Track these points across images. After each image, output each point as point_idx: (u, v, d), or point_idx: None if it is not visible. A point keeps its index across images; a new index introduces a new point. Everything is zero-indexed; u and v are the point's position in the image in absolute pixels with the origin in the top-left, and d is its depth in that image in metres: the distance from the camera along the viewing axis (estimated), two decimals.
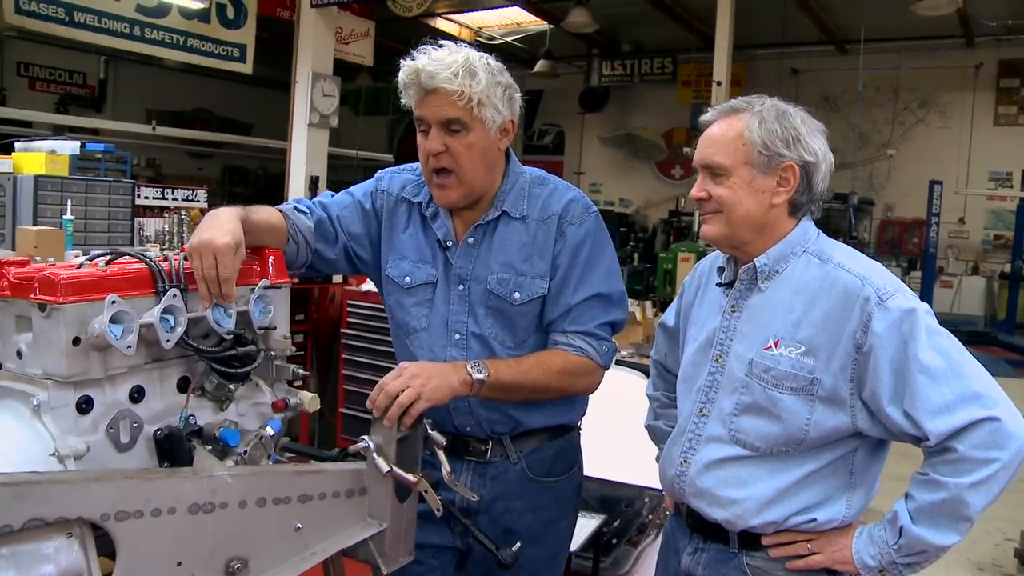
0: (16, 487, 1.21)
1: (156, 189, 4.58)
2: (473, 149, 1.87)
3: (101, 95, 12.74)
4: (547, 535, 2.05)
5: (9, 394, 1.41)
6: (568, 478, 2.09)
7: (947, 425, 1.52)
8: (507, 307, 1.93)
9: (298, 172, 7.13)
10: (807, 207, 1.74)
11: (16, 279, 1.41)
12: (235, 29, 8.29)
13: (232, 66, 8.39)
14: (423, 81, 1.83)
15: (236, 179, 14.87)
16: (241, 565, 1.45)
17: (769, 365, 1.66)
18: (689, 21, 10.88)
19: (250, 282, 1.65)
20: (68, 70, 12.30)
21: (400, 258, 2.02)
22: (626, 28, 12.76)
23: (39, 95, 11.92)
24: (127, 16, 7.53)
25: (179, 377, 1.56)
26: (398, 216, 2.05)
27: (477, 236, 1.97)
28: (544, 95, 15.00)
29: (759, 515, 1.67)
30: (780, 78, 11.89)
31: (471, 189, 1.92)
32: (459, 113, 1.84)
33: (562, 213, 1.95)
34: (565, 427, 2.07)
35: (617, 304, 2.00)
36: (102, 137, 10.30)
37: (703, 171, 1.74)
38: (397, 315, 2.04)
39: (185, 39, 7.97)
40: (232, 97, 13.57)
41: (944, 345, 1.57)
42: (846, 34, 11.28)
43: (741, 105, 1.72)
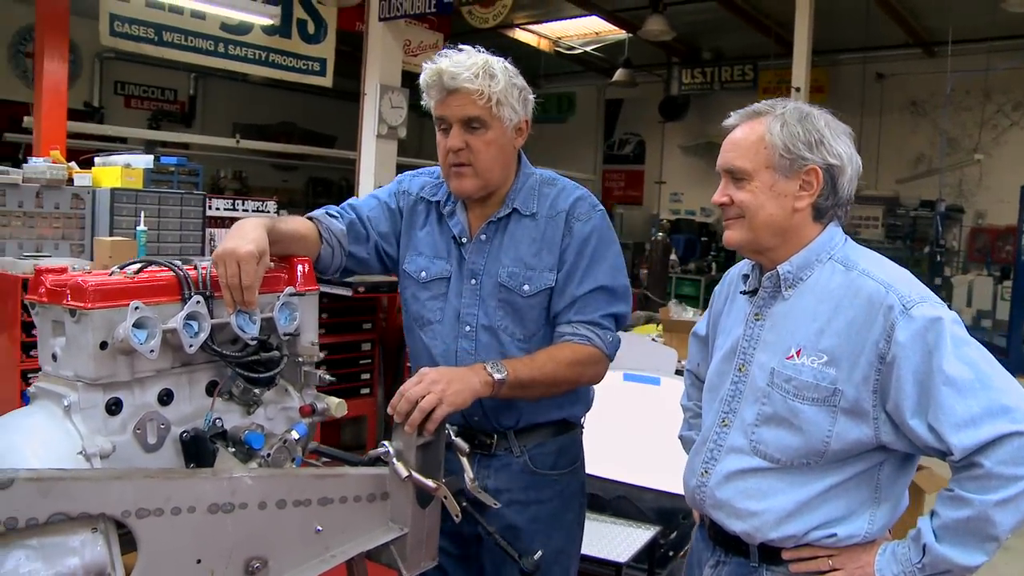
0: (41, 482, 1.28)
1: (226, 200, 4.73)
2: (491, 146, 1.99)
3: (191, 111, 13.18)
4: (552, 529, 2.09)
5: (45, 395, 1.49)
6: (571, 473, 2.15)
7: (972, 439, 1.46)
8: (517, 299, 2.02)
9: (367, 182, 7.25)
10: (833, 212, 1.70)
11: (52, 286, 1.49)
12: (315, 44, 8.50)
13: (313, 80, 8.61)
14: (445, 82, 1.94)
15: (320, 191, 15.18)
16: (261, 565, 1.49)
17: (791, 375, 1.63)
18: (769, 27, 10.69)
19: (276, 289, 1.70)
20: (160, 87, 12.76)
21: (417, 254, 2.13)
22: (706, 35, 12.60)
23: (134, 112, 12.40)
24: (212, 34, 7.81)
25: (208, 381, 1.62)
26: (417, 215, 2.17)
27: (489, 232, 2.07)
28: (624, 104, 14.94)
29: (778, 528, 1.64)
30: (864, 83, 11.58)
31: (486, 182, 2.03)
32: (479, 112, 1.95)
33: (569, 210, 2.05)
34: (568, 423, 2.14)
35: (621, 297, 2.08)
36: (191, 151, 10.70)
37: (725, 176, 1.72)
38: (412, 308, 2.14)
39: (267, 55, 8.21)
40: (315, 110, 13.88)
41: (972, 356, 1.51)
42: (933, 36, 10.90)
43: (763, 108, 1.70)
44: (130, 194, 4.05)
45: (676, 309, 4.98)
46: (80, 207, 4.03)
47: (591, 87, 14.75)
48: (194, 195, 4.31)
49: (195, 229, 4.25)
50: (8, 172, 3.90)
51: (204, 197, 4.39)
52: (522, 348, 2.02)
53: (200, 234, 4.29)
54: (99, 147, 8.34)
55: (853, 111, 11.54)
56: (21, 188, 3.92)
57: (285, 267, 1.76)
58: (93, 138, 8.73)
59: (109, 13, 6.93)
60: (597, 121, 15.32)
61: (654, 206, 14.52)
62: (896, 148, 11.75)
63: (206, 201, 4.43)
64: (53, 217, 3.98)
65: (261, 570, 1.50)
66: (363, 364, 5.28)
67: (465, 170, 2.00)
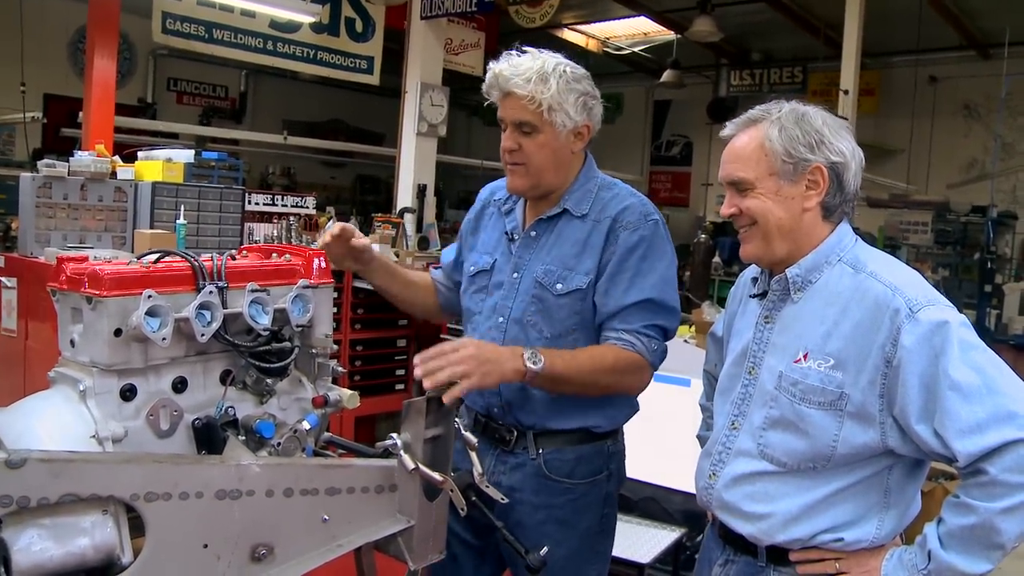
0: (52, 463, 1.32)
1: (266, 196, 4.80)
2: (544, 148, 2.03)
3: (241, 107, 13.38)
4: (561, 536, 2.06)
5: (63, 379, 1.53)
6: (591, 484, 2.10)
7: (977, 446, 1.44)
8: (548, 296, 2.04)
9: (406, 180, 7.30)
10: (841, 208, 1.68)
11: (72, 274, 1.53)
12: (363, 42, 8.59)
13: (360, 77, 8.70)
14: (500, 84, 2.01)
15: (367, 188, 15.32)
16: (267, 551, 1.52)
17: (797, 379, 1.61)
18: (818, 28, 10.54)
19: (290, 281, 1.73)
20: (211, 84, 12.98)
21: (472, 251, 2.25)
22: (755, 37, 12.47)
23: (185, 108, 12.64)
24: (261, 32, 7.93)
25: (222, 370, 1.65)
26: (484, 219, 2.28)
27: (539, 230, 2.11)
28: (671, 105, 14.85)
29: (784, 531, 1.63)
30: (917, 86, 11.35)
31: (538, 181, 2.07)
32: (530, 117, 2.00)
33: (616, 216, 2.05)
34: (591, 433, 2.09)
35: (669, 312, 2.04)
36: (241, 147, 10.86)
37: (729, 188, 1.71)
38: (464, 302, 2.23)
39: (315, 52, 8.32)
40: (364, 107, 13.99)
41: (979, 361, 1.48)
42: (988, 37, 10.65)
43: (758, 115, 1.69)
44: (171, 188, 4.13)
45: (709, 310, 4.93)
46: (123, 200, 4.12)
47: (639, 88, 14.68)
48: (233, 189, 4.37)
49: (234, 223, 4.32)
50: (54, 165, 4.00)
51: (243, 192, 4.46)
52: (548, 347, 1.98)
53: (239, 228, 4.36)
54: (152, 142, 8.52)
55: (904, 114, 11.34)
56: (67, 181, 4.02)
57: (302, 259, 1.79)
58: (146, 133, 8.90)
59: (162, 11, 7.10)
60: (645, 122, 15.24)
61: (700, 208, 14.41)
62: (947, 152, 11.51)
63: (245, 196, 4.49)
64: (96, 210, 4.07)
65: (267, 556, 1.52)
66: (398, 360, 5.33)
67: (518, 169, 2.06)
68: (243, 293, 1.62)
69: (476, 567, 2.19)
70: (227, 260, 1.65)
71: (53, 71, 10.75)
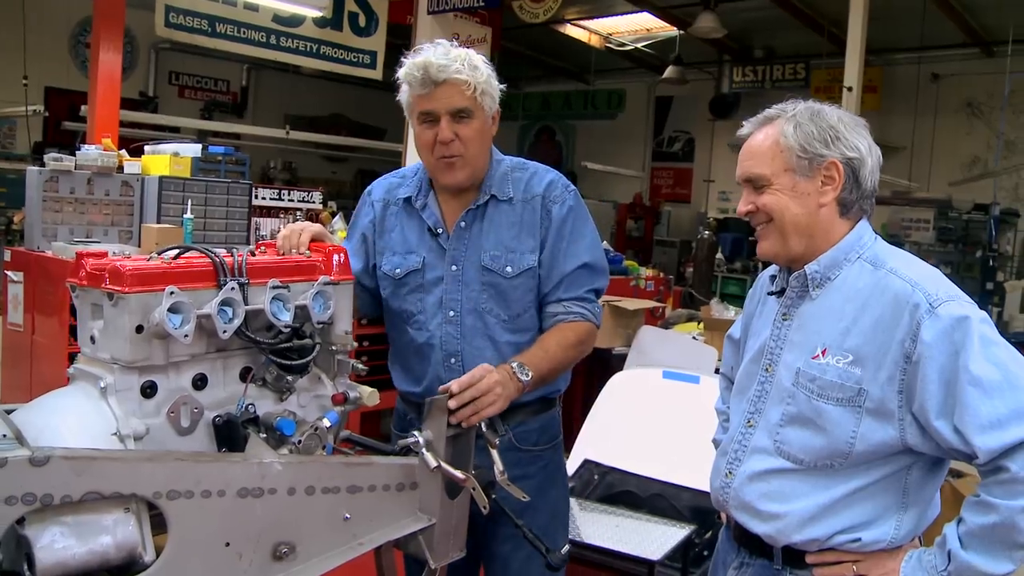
0: (76, 461, 1.31)
1: (273, 190, 4.78)
2: (479, 135, 2.06)
3: (243, 101, 13.39)
4: (540, 503, 2.10)
5: (83, 376, 1.52)
6: (552, 448, 2.22)
7: (998, 442, 1.42)
8: (500, 281, 2.09)
9: None
10: (858, 205, 1.68)
11: (92, 270, 1.51)
12: (366, 36, 8.57)
13: (363, 72, 8.68)
14: (433, 74, 1.98)
15: (368, 182, 15.25)
16: (288, 549, 1.51)
17: (815, 375, 1.61)
18: (822, 25, 10.53)
19: (311, 278, 1.71)
20: (214, 78, 12.99)
21: (391, 254, 2.19)
22: (758, 33, 12.47)
23: (187, 102, 12.63)
24: (264, 26, 7.91)
25: (242, 367, 1.64)
26: (388, 219, 2.23)
27: (468, 220, 2.13)
28: (674, 102, 14.83)
29: (801, 531, 1.62)
30: (919, 83, 11.36)
31: (475, 170, 2.10)
32: (467, 102, 2.02)
33: (544, 193, 2.13)
34: (548, 401, 2.21)
35: (602, 272, 2.19)
36: (242, 142, 10.85)
37: (746, 185, 1.71)
38: (394, 305, 2.20)
39: (318, 47, 8.30)
40: (366, 102, 13.99)
41: (1000, 356, 1.47)
42: (992, 35, 10.65)
43: (774, 113, 1.70)
44: (178, 182, 4.10)
45: (718, 308, 4.93)
46: (129, 194, 4.10)
47: (641, 84, 14.67)
48: (240, 184, 4.36)
49: (241, 218, 4.30)
50: (61, 159, 3.98)
51: (251, 186, 4.44)
52: (507, 328, 2.10)
53: (246, 223, 4.34)
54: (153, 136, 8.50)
55: (907, 111, 11.34)
56: (74, 175, 4.00)
57: (321, 256, 1.77)
58: (147, 127, 8.90)
59: (164, 4, 7.07)
60: (647, 118, 15.23)
61: (702, 204, 14.41)
62: (950, 150, 11.52)
63: (252, 190, 4.48)
64: (103, 204, 4.05)
65: (288, 555, 1.51)
66: None
67: (456, 161, 2.05)
68: (263, 290, 1.60)
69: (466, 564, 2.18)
70: (247, 256, 1.63)
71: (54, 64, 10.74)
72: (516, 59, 13.20)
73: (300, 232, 1.83)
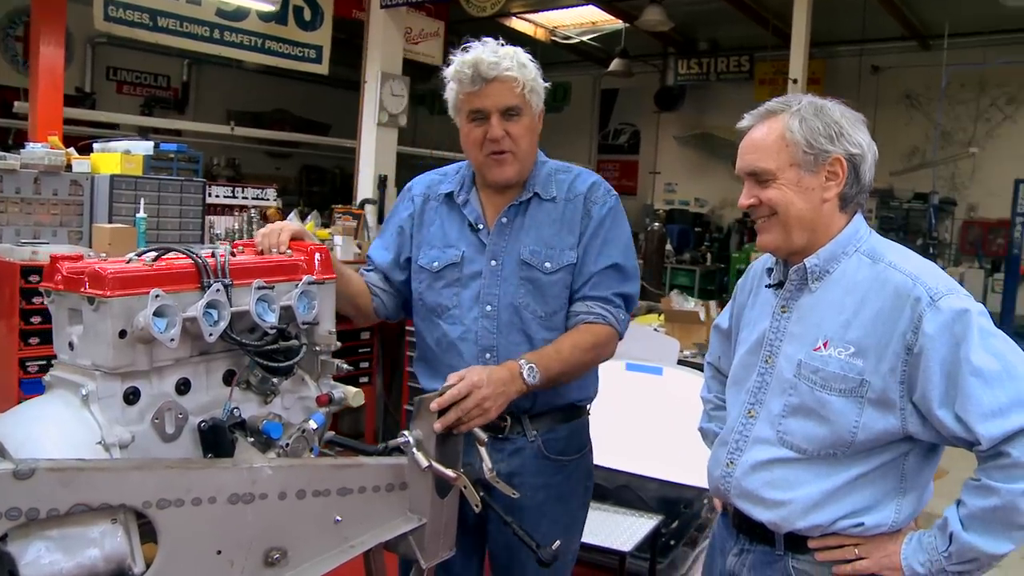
0: (62, 473, 1.26)
1: (226, 188, 4.69)
2: (529, 132, 2.08)
3: (184, 97, 13.09)
4: (558, 512, 2.14)
5: (61, 384, 1.46)
6: (580, 458, 2.20)
7: (1000, 429, 1.47)
8: (539, 276, 2.08)
9: (367, 171, 7.22)
10: (856, 200, 1.70)
11: (69, 274, 1.46)
12: (311, 31, 8.44)
13: (308, 67, 8.55)
14: (484, 72, 1.99)
15: (313, 178, 15.12)
16: (280, 555, 1.48)
17: (818, 366, 1.63)
18: (766, 18, 10.67)
19: (295, 278, 1.68)
20: (153, 73, 12.66)
21: (429, 248, 2.18)
22: (703, 26, 12.59)
23: (126, 98, 12.30)
24: (207, 20, 7.74)
25: (225, 370, 1.60)
26: (427, 213, 2.23)
27: (510, 216, 2.13)
28: (619, 94, 14.90)
29: (805, 518, 1.64)
30: (860, 76, 11.58)
31: (523, 167, 2.11)
32: (516, 100, 2.03)
33: (587, 193, 2.14)
34: (577, 408, 2.20)
35: (632, 277, 2.16)
36: (184, 138, 10.61)
37: (748, 178, 1.72)
38: (428, 299, 2.18)
39: (263, 41, 8.15)
40: (310, 98, 13.80)
41: (999, 347, 1.51)
42: (930, 29, 10.90)
43: (778, 107, 1.70)
44: (129, 181, 4.00)
45: (677, 299, 4.97)
46: (79, 193, 3.98)
47: (587, 77, 14.70)
48: (194, 182, 4.26)
49: (195, 216, 4.21)
50: (6, 157, 3.85)
51: (204, 184, 4.35)
52: (543, 325, 2.08)
53: (200, 221, 4.24)
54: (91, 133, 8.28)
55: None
56: (19, 174, 3.87)
57: (304, 255, 1.74)
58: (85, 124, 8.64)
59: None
60: (592, 111, 15.28)
61: (648, 196, 14.51)
62: (890, 140, 11.75)
63: (206, 188, 4.38)
64: (51, 203, 3.93)
65: (280, 561, 1.49)
66: (362, 353, 5.26)
67: (507, 157, 2.06)
68: (247, 291, 1.56)
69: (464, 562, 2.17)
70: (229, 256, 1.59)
71: None
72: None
73: (280, 231, 1.79)
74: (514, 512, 1.93)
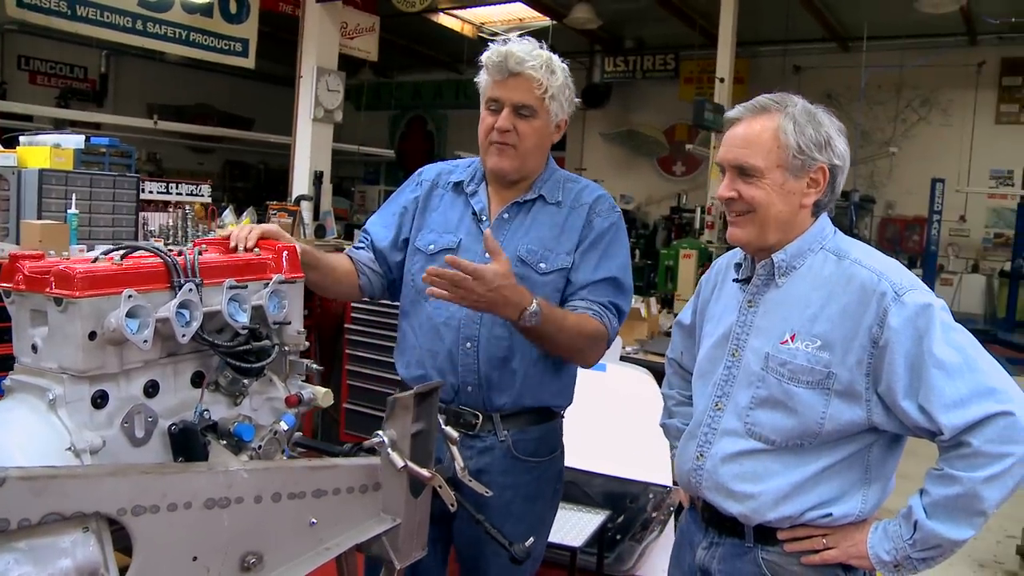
0: (34, 481, 1.21)
1: (160, 184, 4.56)
2: (536, 133, 2.10)
3: (102, 89, 12.71)
4: (525, 512, 2.15)
5: (24, 388, 1.40)
6: (550, 460, 2.21)
7: (961, 419, 1.52)
8: (532, 275, 2.09)
9: (302, 167, 7.12)
10: (827, 206, 1.75)
11: (31, 273, 1.40)
12: (237, 24, 8.29)
13: (234, 61, 8.40)
14: (511, 64, 2.03)
15: (237, 174, 14.86)
16: (256, 560, 1.45)
17: (785, 359, 1.66)
18: (692, 18, 10.86)
19: (264, 277, 1.65)
20: (69, 64, 12.28)
21: (428, 231, 2.21)
22: (629, 24, 12.75)
23: (40, 89, 11.90)
24: (129, 10, 7.54)
25: (193, 372, 1.56)
26: (433, 199, 2.26)
27: (512, 212, 2.16)
28: None
29: (775, 509, 1.68)
30: (783, 75, 11.87)
31: (522, 164, 2.12)
32: (533, 101, 2.06)
33: (593, 204, 2.17)
34: (551, 412, 2.21)
35: (627, 293, 2.17)
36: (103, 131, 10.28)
37: (732, 171, 1.72)
38: (419, 281, 2.15)
39: (187, 33, 7.97)
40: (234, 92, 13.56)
41: (959, 340, 1.57)
42: (849, 31, 11.27)
43: (770, 104, 1.71)
44: (59, 176, 3.84)
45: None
46: (4, 188, 3.82)
47: None
48: (127, 177, 4.12)
49: (128, 212, 4.06)
50: None
51: (138, 180, 4.21)
52: None
53: (134, 218, 4.10)
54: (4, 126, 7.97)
55: None
56: None
57: (272, 254, 1.70)
58: None
59: None
60: None
61: None
62: None
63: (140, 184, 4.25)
64: None
65: (256, 565, 1.45)
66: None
67: (507, 149, 2.09)
68: (216, 290, 1.53)
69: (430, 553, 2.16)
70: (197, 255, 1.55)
71: None
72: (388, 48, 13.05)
73: (250, 229, 1.76)
74: (479, 510, 1.94)
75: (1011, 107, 11.76)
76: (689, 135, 12.27)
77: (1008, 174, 11.58)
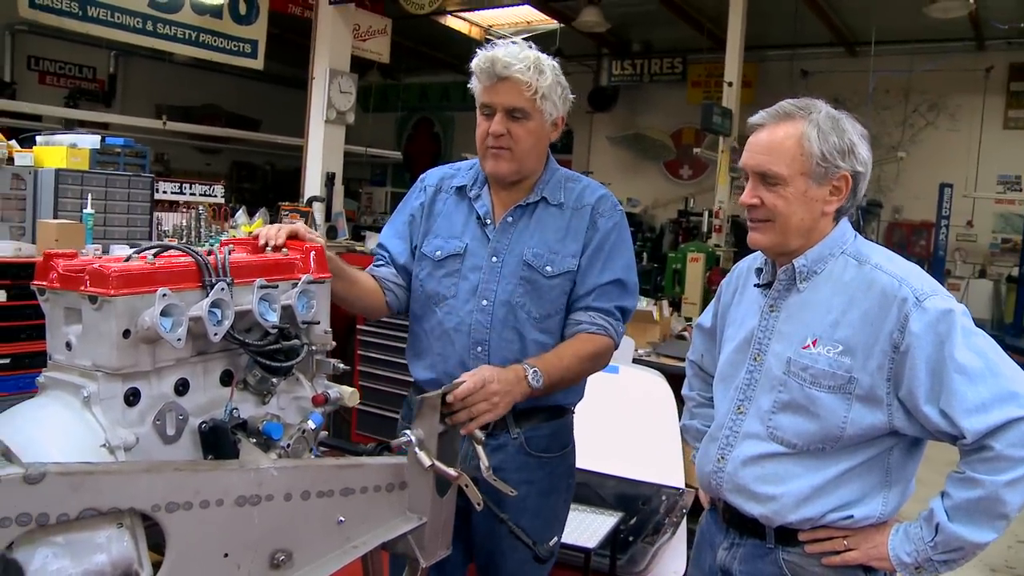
0: (72, 477, 1.23)
1: (174, 184, 4.58)
2: (530, 135, 2.10)
3: (111, 90, 12.74)
4: (540, 507, 2.17)
5: (59, 385, 1.42)
6: (562, 456, 2.24)
7: (983, 424, 1.53)
8: (539, 278, 2.11)
9: (314, 168, 7.14)
10: (848, 212, 1.76)
11: (66, 271, 1.41)
12: (247, 25, 8.31)
13: (243, 62, 8.42)
14: (498, 69, 2.03)
15: (244, 175, 14.88)
16: (285, 557, 1.47)
17: (807, 364, 1.67)
18: (700, 22, 10.86)
19: (293, 276, 1.66)
20: (78, 64, 12.30)
21: (434, 236, 2.23)
22: (637, 28, 12.75)
23: (49, 89, 11.92)
24: (140, 11, 7.56)
25: (222, 370, 1.57)
26: (437, 204, 2.26)
27: (516, 216, 2.17)
28: None
29: (796, 511, 1.69)
30: (791, 79, 11.87)
31: (520, 167, 2.13)
32: (524, 103, 2.06)
33: (595, 205, 2.18)
34: (562, 409, 2.23)
35: (632, 292, 2.20)
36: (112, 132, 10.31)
37: (755, 177, 1.73)
38: (428, 286, 2.20)
39: (197, 34, 7.99)
40: (241, 93, 13.58)
41: (981, 345, 1.58)
42: (857, 36, 11.27)
43: (794, 111, 1.71)
44: (75, 175, 3.86)
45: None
46: (21, 188, 3.84)
47: None
48: (142, 177, 4.14)
49: (143, 212, 4.08)
50: None
51: (152, 180, 4.23)
52: (536, 327, 2.11)
53: (148, 218, 4.12)
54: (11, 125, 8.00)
55: None
56: None
57: (300, 254, 1.72)
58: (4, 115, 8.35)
59: None
60: None
61: None
62: None
63: (154, 184, 4.27)
64: None
65: (286, 562, 1.47)
66: None
67: (503, 153, 2.10)
68: (246, 289, 1.54)
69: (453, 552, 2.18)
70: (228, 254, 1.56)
71: None
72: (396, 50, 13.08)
73: (279, 228, 1.78)
74: (496, 506, 1.95)
75: (1019, 112, 11.73)
76: (696, 139, 12.27)
77: (1016, 179, 11.56)
